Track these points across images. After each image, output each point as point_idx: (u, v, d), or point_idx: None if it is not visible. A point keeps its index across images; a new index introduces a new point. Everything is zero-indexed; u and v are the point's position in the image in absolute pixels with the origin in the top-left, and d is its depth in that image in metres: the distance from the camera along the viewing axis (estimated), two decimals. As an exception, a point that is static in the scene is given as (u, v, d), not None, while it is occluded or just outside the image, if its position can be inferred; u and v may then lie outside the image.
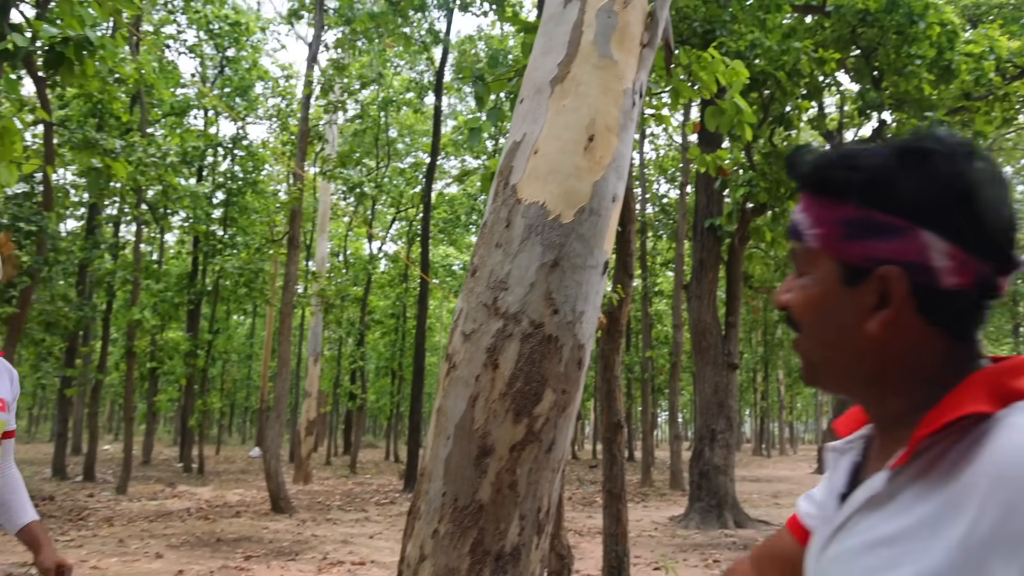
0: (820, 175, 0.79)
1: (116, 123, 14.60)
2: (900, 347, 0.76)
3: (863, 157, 0.76)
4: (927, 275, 0.73)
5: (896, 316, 0.74)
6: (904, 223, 0.73)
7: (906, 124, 10.26)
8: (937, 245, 0.72)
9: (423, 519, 1.68)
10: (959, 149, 0.73)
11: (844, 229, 0.76)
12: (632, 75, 1.96)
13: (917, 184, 0.73)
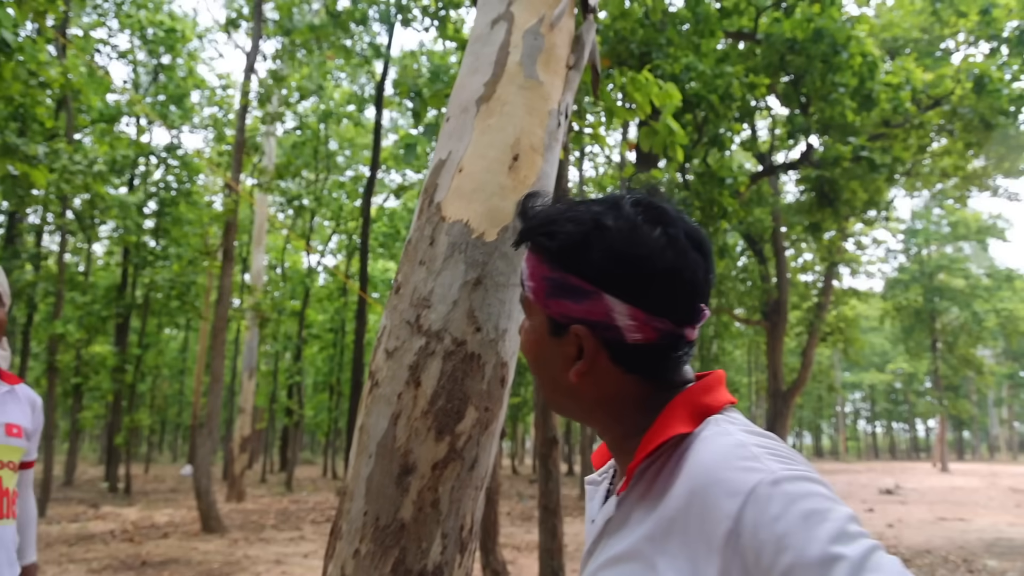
0: (531, 234, 0.88)
1: (40, 128, 14.02)
2: (600, 390, 0.86)
3: (565, 223, 0.85)
4: (614, 332, 0.83)
5: (590, 367, 0.85)
6: (591, 288, 0.83)
7: (831, 148, 10.71)
8: (619, 308, 0.82)
9: (344, 539, 1.66)
10: (641, 219, 0.83)
11: (547, 287, 0.86)
12: (558, 96, 2.00)
13: (602, 255, 0.82)
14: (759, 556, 0.67)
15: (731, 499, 0.70)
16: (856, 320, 22.92)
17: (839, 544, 0.64)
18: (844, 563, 0.63)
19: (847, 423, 64.76)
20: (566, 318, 0.85)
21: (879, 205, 13.81)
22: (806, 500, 0.68)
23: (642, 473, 0.82)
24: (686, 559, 0.72)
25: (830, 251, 18.79)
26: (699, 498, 0.73)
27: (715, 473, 0.73)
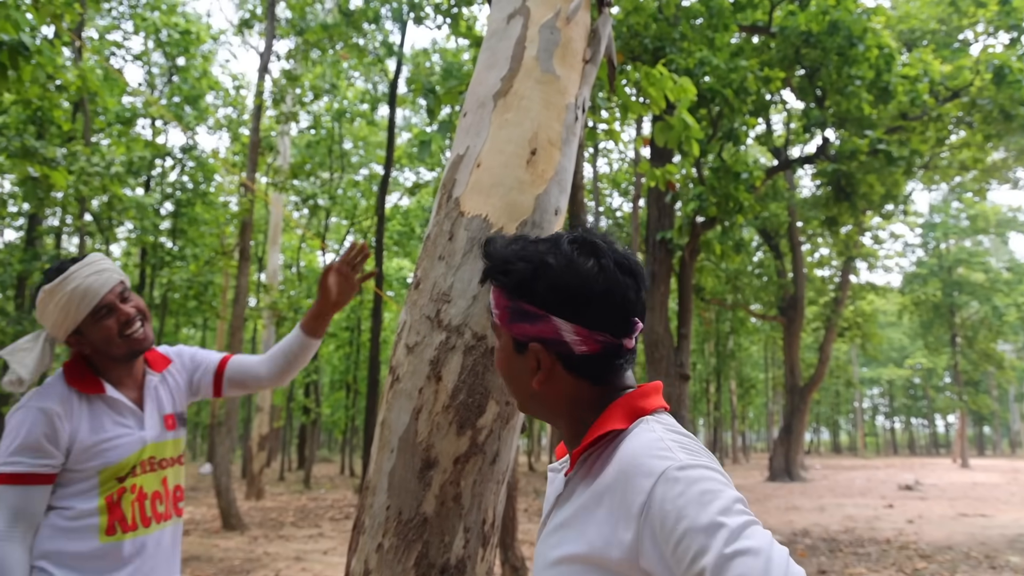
0: (492, 272, 1.09)
1: (58, 131, 14.18)
2: (558, 395, 1.08)
3: (517, 262, 1.06)
4: (563, 347, 1.04)
5: (547, 376, 1.06)
6: (541, 312, 1.04)
7: (848, 142, 10.61)
8: (565, 327, 1.04)
9: (367, 533, 1.66)
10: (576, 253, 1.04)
11: (508, 314, 1.07)
12: (575, 90, 1.99)
13: (547, 285, 1.03)
14: (663, 523, 0.87)
15: (646, 479, 0.91)
16: (874, 315, 22.74)
17: (724, 516, 0.85)
18: (725, 529, 0.83)
19: (865, 419, 64.24)
20: (525, 337, 1.07)
21: (897, 199, 13.67)
22: (703, 483, 0.88)
23: (585, 460, 1.05)
24: (609, 524, 0.94)
25: (847, 246, 18.65)
26: (623, 477, 0.94)
27: (636, 459, 0.94)
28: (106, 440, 1.83)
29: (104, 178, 11.41)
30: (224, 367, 2.10)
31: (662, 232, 10.85)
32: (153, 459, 1.92)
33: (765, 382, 36.63)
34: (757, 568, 0.81)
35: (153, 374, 2.00)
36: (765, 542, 0.83)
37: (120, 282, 1.89)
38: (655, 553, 0.88)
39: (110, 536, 1.82)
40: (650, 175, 6.99)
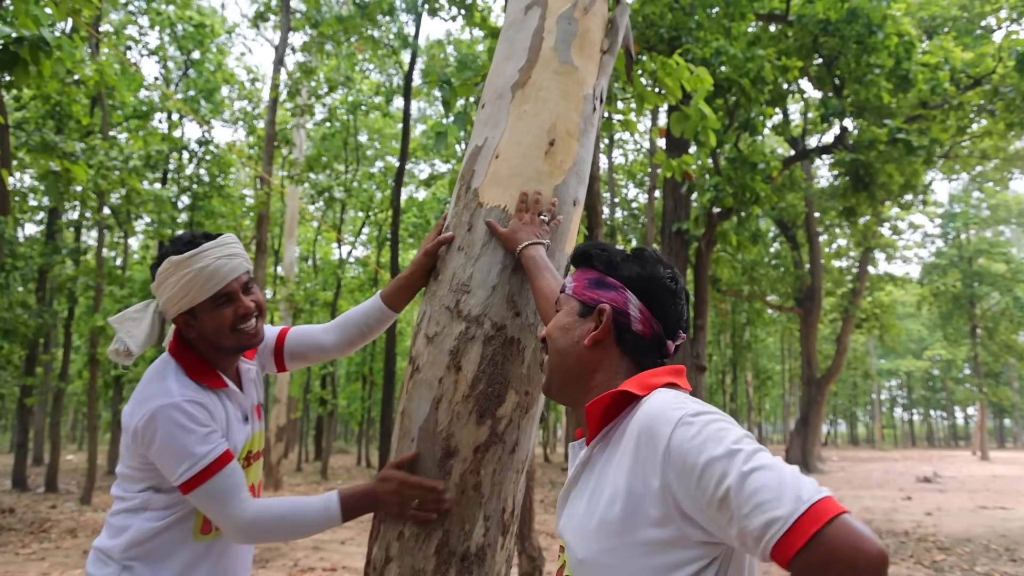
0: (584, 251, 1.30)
1: (76, 126, 14.31)
2: (600, 361, 1.23)
3: (611, 248, 1.29)
4: (624, 318, 1.22)
5: (602, 336, 1.23)
6: (620, 284, 1.24)
7: (866, 131, 10.49)
8: (634, 301, 1.23)
9: (388, 521, 1.68)
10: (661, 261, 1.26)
11: (587, 283, 1.27)
12: (593, 81, 1.99)
13: (632, 269, 1.25)
14: (685, 461, 0.99)
15: (666, 426, 1.03)
16: (892, 306, 22.51)
17: (738, 444, 0.98)
18: (742, 453, 0.97)
19: (883, 411, 63.72)
20: (595, 301, 1.24)
21: (916, 189, 13.52)
22: (716, 423, 1.02)
23: (607, 432, 1.17)
24: (638, 476, 1.05)
25: (865, 236, 18.47)
26: (646, 432, 1.06)
27: (656, 413, 1.07)
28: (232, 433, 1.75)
29: (122, 172, 11.51)
30: (283, 340, 1.98)
31: (678, 223, 10.80)
32: (255, 452, 1.84)
33: (782, 373, 36.43)
34: (773, 479, 0.94)
35: (248, 363, 1.90)
36: (778, 460, 0.97)
37: (247, 271, 1.77)
38: (682, 490, 1.00)
39: (204, 535, 1.75)
40: (666, 166, 6.96)
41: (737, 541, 0.97)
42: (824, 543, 0.89)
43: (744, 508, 0.94)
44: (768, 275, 21.62)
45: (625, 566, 1.05)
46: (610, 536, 1.06)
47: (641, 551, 1.04)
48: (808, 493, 0.93)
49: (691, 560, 1.02)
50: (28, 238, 17.14)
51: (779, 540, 0.91)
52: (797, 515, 0.91)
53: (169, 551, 1.72)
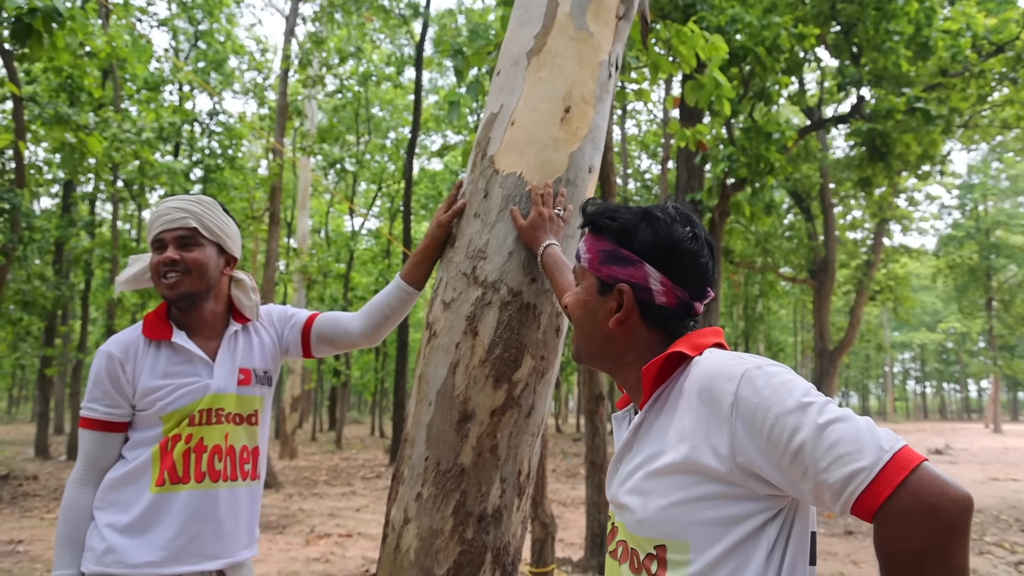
0: (593, 219, 1.22)
1: (88, 98, 14.32)
2: (628, 339, 1.19)
3: (624, 211, 1.19)
4: (647, 294, 1.16)
5: (626, 317, 1.17)
6: (636, 258, 1.17)
7: (884, 100, 10.33)
8: (654, 275, 1.16)
9: (406, 483, 1.72)
10: (677, 218, 1.18)
11: (601, 256, 1.20)
12: (608, 47, 1.98)
13: (647, 236, 1.16)
14: (754, 415, 0.98)
15: (730, 382, 1.01)
16: (907, 278, 22.33)
17: (807, 397, 0.97)
18: (814, 406, 0.95)
19: (895, 383, 63.57)
20: (613, 279, 1.18)
21: (934, 159, 13.31)
22: (781, 375, 1.00)
23: (659, 395, 1.14)
24: (700, 435, 1.03)
25: (881, 207, 18.27)
26: (707, 390, 1.03)
27: (716, 370, 1.04)
28: (167, 385, 1.81)
29: (136, 144, 11.54)
30: (312, 323, 2.04)
31: (691, 194, 10.72)
32: (217, 411, 1.85)
33: (794, 346, 36.36)
34: (850, 430, 0.93)
35: (235, 324, 1.95)
36: (849, 411, 0.95)
37: (190, 227, 1.84)
38: (751, 446, 0.98)
39: (159, 487, 1.77)
40: (680, 135, 6.90)
41: (811, 495, 0.96)
42: (911, 491, 0.88)
43: (822, 461, 0.92)
44: (782, 247, 21.46)
45: (688, 520, 1.04)
46: (672, 492, 1.05)
47: (704, 505, 1.03)
48: (889, 442, 0.92)
49: (756, 512, 1.01)
50: (44, 211, 17.27)
51: (864, 491, 0.90)
52: (881, 465, 0.90)
53: (128, 500, 1.78)
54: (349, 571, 5.92)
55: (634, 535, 1.10)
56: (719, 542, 1.01)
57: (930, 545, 0.87)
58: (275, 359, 2.03)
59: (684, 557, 1.03)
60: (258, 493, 1.95)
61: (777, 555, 1.01)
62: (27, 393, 44.47)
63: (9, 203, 10.02)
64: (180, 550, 1.76)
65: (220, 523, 1.82)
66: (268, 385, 1.99)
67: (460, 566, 1.64)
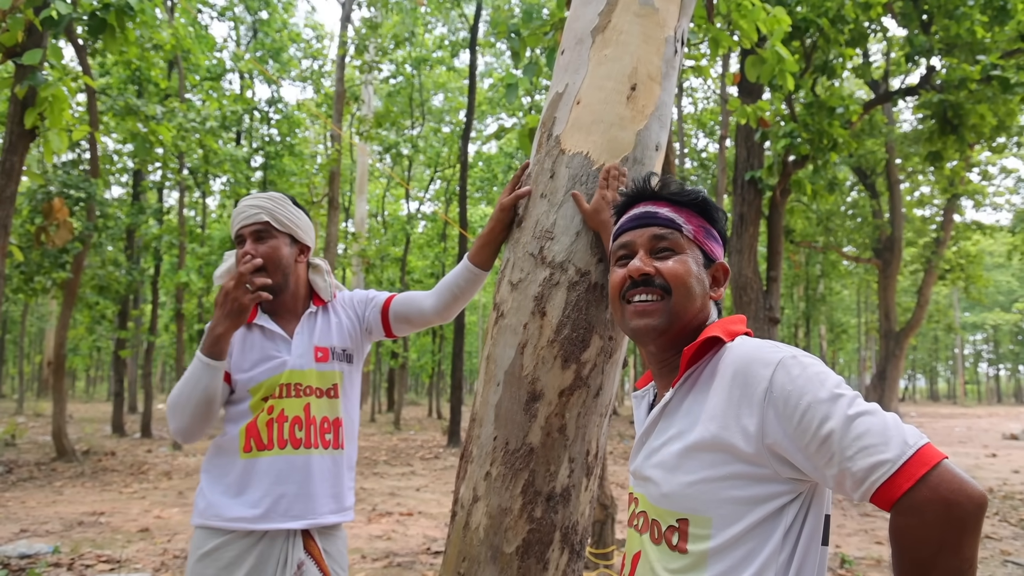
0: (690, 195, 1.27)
1: (155, 89, 14.80)
2: (706, 310, 1.26)
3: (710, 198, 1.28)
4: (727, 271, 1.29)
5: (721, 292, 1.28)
6: (721, 240, 1.30)
7: (956, 69, 9.86)
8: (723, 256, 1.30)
9: (475, 462, 1.74)
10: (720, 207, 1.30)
11: (704, 232, 1.27)
12: (673, 23, 1.94)
13: (719, 219, 1.29)
14: (787, 401, 1.02)
15: (766, 368, 1.06)
16: (979, 256, 21.38)
17: (839, 389, 1.02)
18: (845, 398, 1.00)
19: (966, 366, 61.18)
20: (715, 255, 1.28)
21: (1010, 130, 12.66)
22: (814, 367, 1.05)
23: (689, 375, 1.18)
24: (730, 415, 1.07)
25: (951, 182, 17.50)
26: (741, 373, 1.08)
27: (752, 355, 1.09)
28: (253, 361, 2.02)
29: (201, 133, 11.88)
30: (390, 304, 2.18)
31: (751, 172, 10.46)
32: (296, 385, 2.02)
33: (857, 327, 35.32)
34: (878, 424, 0.98)
35: (313, 307, 2.13)
36: (877, 406, 1.01)
37: (263, 223, 2.04)
38: (780, 430, 1.03)
39: (247, 453, 1.97)
40: (740, 112, 6.74)
41: (834, 481, 1.01)
42: (930, 486, 0.93)
43: (849, 450, 0.97)
44: (844, 225, 20.81)
45: (712, 498, 1.08)
46: (698, 470, 1.10)
47: (729, 484, 1.07)
48: (913, 438, 0.97)
49: (778, 494, 1.06)
50: (116, 199, 17.97)
51: (885, 482, 0.95)
52: (905, 458, 0.95)
53: (224, 467, 2.00)
54: (411, 549, 6.06)
55: (657, 507, 1.16)
56: (740, 520, 1.06)
57: (943, 537, 0.92)
58: (356, 338, 2.19)
59: (705, 532, 1.08)
60: (342, 462, 2.09)
61: (793, 535, 1.06)
62: (103, 373, 46.63)
63: (85, 192, 10.46)
64: (268, 509, 1.93)
65: (303, 486, 1.98)
66: (348, 362, 2.15)
67: (529, 544, 1.66)
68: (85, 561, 5.33)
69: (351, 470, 2.14)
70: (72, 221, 9.78)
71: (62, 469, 10.28)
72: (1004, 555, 6.19)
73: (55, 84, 5.07)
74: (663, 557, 1.14)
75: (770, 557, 1.05)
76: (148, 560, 5.46)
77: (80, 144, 12.22)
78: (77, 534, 6.28)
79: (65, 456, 10.91)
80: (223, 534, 1.94)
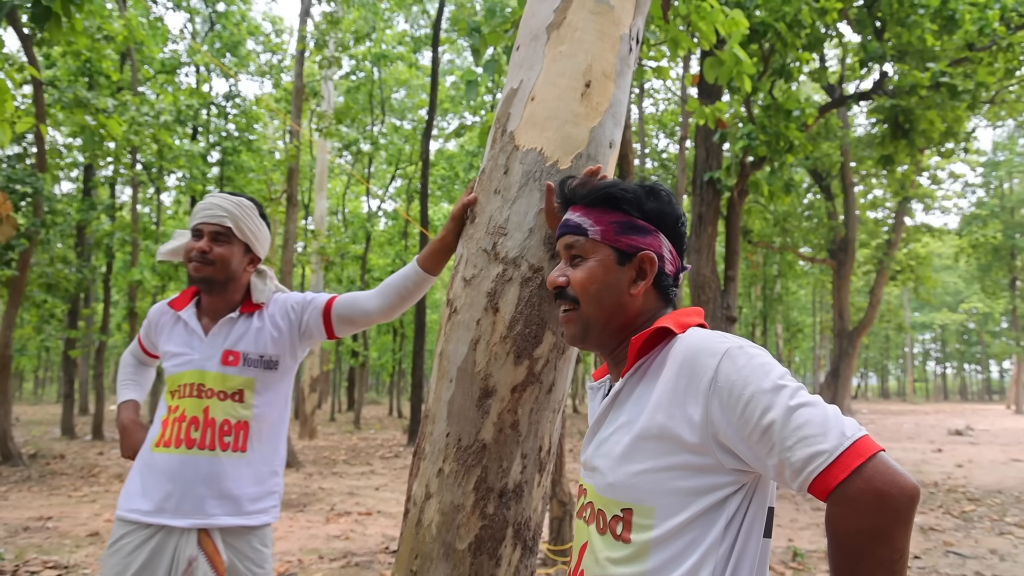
0: (607, 192, 1.26)
1: (107, 82, 14.40)
2: (640, 306, 1.26)
3: (627, 185, 1.26)
4: (662, 262, 1.25)
5: (648, 285, 1.24)
6: (652, 228, 1.26)
7: (908, 76, 10.13)
8: (666, 244, 1.26)
9: (428, 459, 1.73)
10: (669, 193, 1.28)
11: (616, 227, 1.24)
12: (629, 21, 1.95)
13: (656, 206, 1.26)
14: (731, 391, 1.03)
15: (712, 358, 1.06)
16: (928, 258, 22.04)
17: (783, 380, 1.03)
18: (787, 389, 1.01)
19: (915, 364, 63.00)
20: (634, 248, 1.24)
21: (958, 136, 13.06)
22: (760, 358, 1.06)
23: (639, 366, 1.19)
24: (676, 405, 1.08)
25: (903, 186, 18.00)
26: (688, 363, 1.09)
27: (700, 346, 1.09)
28: (169, 352, 2.15)
29: (154, 127, 11.61)
30: (331, 306, 2.18)
31: (710, 172, 10.62)
32: (198, 385, 2.07)
33: (813, 326, 36.10)
34: (818, 415, 0.99)
35: (237, 313, 2.17)
36: (819, 398, 1.02)
37: (225, 227, 2.10)
38: (724, 419, 1.04)
39: (156, 448, 2.07)
40: (699, 113, 6.82)
41: (774, 471, 1.02)
42: (864, 477, 0.94)
43: (788, 440, 0.98)
44: (801, 226, 21.24)
45: (656, 488, 1.09)
46: (643, 459, 1.11)
47: (674, 474, 1.09)
48: (851, 430, 0.98)
49: (721, 485, 1.07)
50: (65, 195, 17.46)
51: (821, 472, 0.96)
52: (841, 450, 0.96)
53: (144, 452, 2.11)
54: (369, 548, 6.00)
55: (603, 497, 1.17)
56: (683, 511, 1.07)
57: (876, 527, 0.93)
58: (285, 344, 2.19)
59: (648, 521, 1.09)
60: (244, 465, 2.08)
61: (735, 527, 1.07)
62: (52, 375, 45.23)
63: (32, 187, 10.13)
64: (159, 505, 2.00)
65: (193, 486, 2.02)
66: (268, 368, 2.15)
67: (481, 540, 1.66)
68: (30, 568, 5.16)
69: (270, 473, 2.14)
70: (16, 217, 9.45)
71: (7, 474, 9.95)
72: (947, 546, 6.39)
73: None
74: (607, 547, 1.15)
75: (711, 547, 1.06)
76: (97, 565, 5.31)
77: (26, 137, 11.84)
78: (22, 540, 6.08)
79: (11, 460, 10.56)
80: (128, 525, 2.01)
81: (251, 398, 2.10)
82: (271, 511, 2.14)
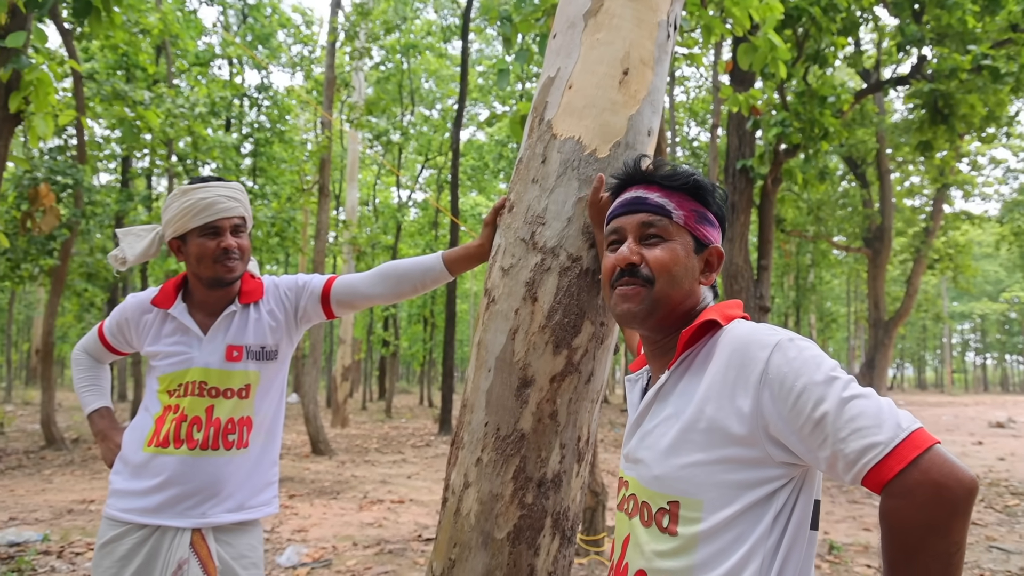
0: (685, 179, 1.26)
1: (143, 75, 14.65)
2: (700, 295, 1.26)
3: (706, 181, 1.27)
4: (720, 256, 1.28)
5: (714, 277, 1.28)
6: (717, 223, 1.29)
7: (947, 59, 9.87)
8: (720, 238, 1.29)
9: (466, 448, 1.74)
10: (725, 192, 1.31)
11: (696, 216, 1.26)
12: (667, 7, 1.92)
13: (719, 205, 1.29)
14: (782, 383, 1.02)
15: (762, 350, 1.06)
16: (968, 246, 21.53)
17: (835, 372, 1.02)
18: (840, 381, 1.01)
19: (954, 355, 61.69)
20: (708, 240, 1.27)
21: (1000, 120, 12.71)
22: (811, 350, 1.05)
23: (685, 357, 1.19)
24: (725, 397, 1.07)
25: (941, 172, 17.58)
26: (738, 355, 1.08)
27: (749, 338, 1.09)
28: (161, 352, 2.04)
29: (189, 119, 11.77)
30: (330, 289, 2.12)
31: (742, 160, 10.47)
32: (201, 383, 2.00)
33: (847, 316, 35.53)
34: (872, 407, 0.98)
35: (236, 305, 2.08)
36: (873, 391, 1.01)
37: (241, 217, 2.03)
38: (774, 411, 1.03)
39: (149, 447, 1.98)
40: (732, 100, 6.73)
41: (826, 464, 1.01)
42: (921, 469, 0.93)
43: (842, 432, 0.97)
44: (835, 214, 20.87)
45: (704, 481, 1.09)
46: (691, 452, 1.10)
47: (722, 467, 1.08)
48: (907, 422, 0.97)
49: (770, 479, 1.07)
50: (104, 186, 17.80)
51: (877, 464, 0.96)
52: (897, 441, 0.95)
53: (132, 452, 2.02)
54: (402, 536, 6.07)
55: (648, 489, 1.16)
56: (731, 504, 1.06)
57: (933, 520, 0.92)
58: (282, 331, 2.14)
59: (696, 515, 1.08)
60: (245, 462, 2.05)
61: (783, 520, 1.07)
62: (92, 362, 46.19)
63: (72, 178, 10.35)
64: (160, 505, 1.95)
65: (195, 487, 1.97)
66: (268, 359, 2.10)
67: (520, 530, 1.66)
68: (75, 549, 5.32)
69: (271, 465, 2.12)
70: (59, 207, 9.68)
71: (51, 457, 10.24)
72: (989, 540, 6.27)
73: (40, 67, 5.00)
74: (653, 539, 1.14)
75: (759, 541, 1.05)
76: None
77: (67, 130, 12.09)
78: (67, 522, 6.26)
79: (54, 444, 10.86)
80: (121, 525, 1.95)
81: (255, 392, 2.06)
82: (272, 502, 2.12)
